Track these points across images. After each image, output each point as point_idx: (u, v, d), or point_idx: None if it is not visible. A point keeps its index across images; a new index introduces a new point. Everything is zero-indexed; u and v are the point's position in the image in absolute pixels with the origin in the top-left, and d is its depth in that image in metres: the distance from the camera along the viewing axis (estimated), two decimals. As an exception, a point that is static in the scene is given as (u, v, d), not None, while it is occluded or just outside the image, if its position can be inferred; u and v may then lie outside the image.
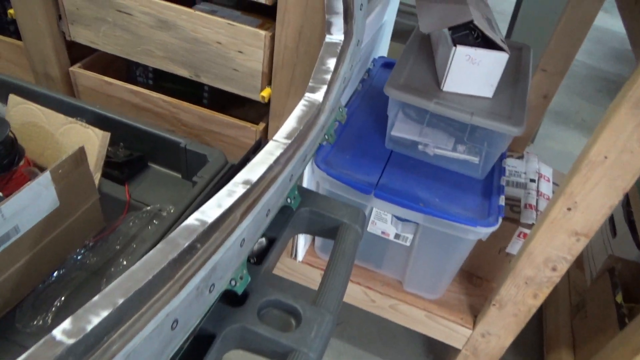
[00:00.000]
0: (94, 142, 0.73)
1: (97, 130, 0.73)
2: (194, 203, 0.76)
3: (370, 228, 1.21)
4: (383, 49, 1.56)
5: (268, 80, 1.07)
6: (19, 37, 1.24)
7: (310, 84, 0.76)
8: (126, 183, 0.85)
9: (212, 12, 1.05)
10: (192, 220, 0.51)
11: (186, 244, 0.48)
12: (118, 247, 0.76)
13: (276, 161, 0.64)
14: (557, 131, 2.48)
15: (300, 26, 0.96)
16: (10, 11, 1.20)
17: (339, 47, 0.75)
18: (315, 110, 0.74)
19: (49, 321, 0.67)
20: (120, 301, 0.40)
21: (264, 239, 0.73)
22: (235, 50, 1.05)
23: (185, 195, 0.79)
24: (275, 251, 0.72)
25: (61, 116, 0.74)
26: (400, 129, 1.21)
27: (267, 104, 1.11)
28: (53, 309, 0.68)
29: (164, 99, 1.19)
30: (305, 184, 1.20)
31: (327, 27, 0.74)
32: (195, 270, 0.50)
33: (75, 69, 1.25)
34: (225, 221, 0.55)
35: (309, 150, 0.76)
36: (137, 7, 1.08)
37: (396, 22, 1.54)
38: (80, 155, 0.69)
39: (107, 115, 0.88)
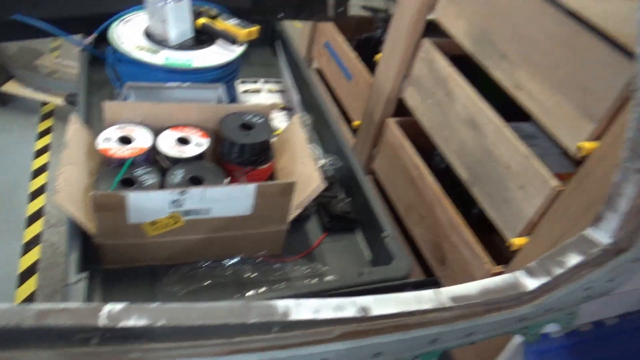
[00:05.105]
0: (312, 184, 0.77)
1: (319, 177, 0.76)
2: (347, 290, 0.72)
3: None
4: None
5: (529, 230, 0.91)
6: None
7: (532, 264, 0.61)
8: (326, 232, 0.88)
9: (524, 137, 0.95)
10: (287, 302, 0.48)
11: (257, 321, 0.46)
12: (272, 278, 0.79)
13: (409, 313, 0.54)
14: None
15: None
16: (378, 56, 1.38)
17: (594, 249, 0.57)
18: (511, 293, 0.59)
19: (181, 294, 0.75)
20: (172, 323, 0.41)
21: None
22: (518, 184, 0.93)
23: (349, 278, 0.76)
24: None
25: (307, 149, 0.81)
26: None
27: (514, 252, 0.95)
28: (190, 288, 0.76)
29: (433, 187, 1.16)
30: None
31: (594, 217, 0.57)
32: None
33: (390, 120, 1.35)
34: (311, 328, 0.51)
35: (479, 329, 0.62)
36: (461, 98, 1.08)
37: None
38: (288, 188, 0.74)
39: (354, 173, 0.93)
